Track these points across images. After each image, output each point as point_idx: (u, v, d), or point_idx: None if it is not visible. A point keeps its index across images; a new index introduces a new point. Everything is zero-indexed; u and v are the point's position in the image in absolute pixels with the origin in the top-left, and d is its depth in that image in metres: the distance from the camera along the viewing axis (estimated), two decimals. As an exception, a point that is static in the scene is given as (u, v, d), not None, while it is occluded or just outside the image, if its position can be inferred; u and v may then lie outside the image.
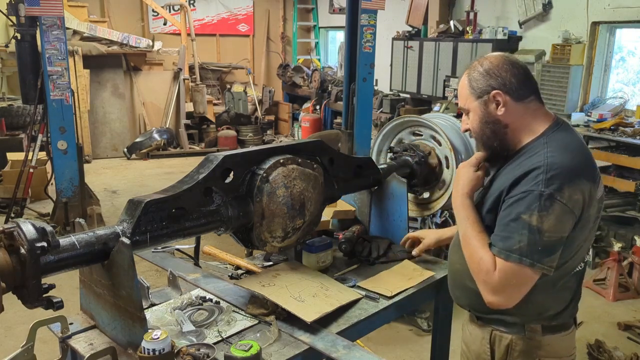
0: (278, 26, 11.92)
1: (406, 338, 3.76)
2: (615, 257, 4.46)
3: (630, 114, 5.76)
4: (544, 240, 1.46)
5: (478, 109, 1.64)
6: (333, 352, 1.61)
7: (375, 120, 7.52)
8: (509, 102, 1.60)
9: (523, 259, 1.46)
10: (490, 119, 1.62)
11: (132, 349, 1.54)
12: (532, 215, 1.45)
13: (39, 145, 5.62)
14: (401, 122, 2.71)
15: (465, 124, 1.72)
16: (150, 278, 3.97)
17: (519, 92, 1.60)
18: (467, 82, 1.66)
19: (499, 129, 1.63)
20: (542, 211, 1.45)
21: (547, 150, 1.54)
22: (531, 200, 1.46)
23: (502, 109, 1.60)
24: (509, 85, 1.59)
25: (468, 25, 7.25)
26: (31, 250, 1.34)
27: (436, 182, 2.62)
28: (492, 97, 1.60)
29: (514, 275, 1.49)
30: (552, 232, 1.46)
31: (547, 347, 1.66)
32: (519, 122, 1.62)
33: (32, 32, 5.04)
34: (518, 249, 1.47)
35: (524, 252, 1.46)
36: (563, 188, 1.46)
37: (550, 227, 1.45)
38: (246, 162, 1.88)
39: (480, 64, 1.65)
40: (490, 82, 1.61)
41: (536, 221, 1.45)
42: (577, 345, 1.78)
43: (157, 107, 9.61)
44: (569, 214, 1.47)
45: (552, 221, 1.45)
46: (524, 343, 1.66)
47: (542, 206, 1.45)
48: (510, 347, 1.67)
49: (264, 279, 1.98)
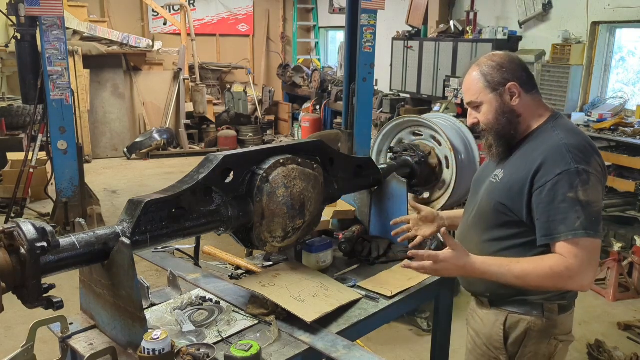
0: (278, 26, 11.92)
1: (406, 338, 3.76)
2: (615, 257, 4.45)
3: (630, 114, 5.76)
4: (594, 210, 1.56)
5: (494, 100, 1.73)
6: (333, 352, 1.61)
7: (375, 120, 7.52)
8: (522, 93, 1.72)
9: (589, 232, 1.54)
10: (506, 110, 1.73)
11: (132, 349, 1.54)
12: (578, 192, 1.55)
13: (39, 145, 5.61)
14: (401, 122, 2.71)
15: (472, 117, 1.80)
16: (150, 278, 3.97)
17: (528, 85, 1.73)
18: (479, 76, 1.75)
19: (513, 119, 1.73)
20: (584, 185, 1.56)
21: (558, 133, 1.67)
22: (570, 178, 1.56)
23: (517, 100, 1.72)
24: (521, 78, 1.72)
25: (468, 25, 7.25)
26: (31, 250, 1.34)
27: (436, 182, 2.62)
28: (508, 89, 1.71)
29: (588, 250, 1.56)
30: (597, 201, 1.57)
31: (561, 326, 1.75)
32: (530, 111, 1.74)
33: (32, 32, 5.04)
34: (581, 225, 1.54)
35: (587, 226, 1.54)
36: (590, 161, 1.60)
37: (594, 198, 1.57)
38: (246, 162, 1.88)
39: (490, 59, 1.75)
40: (505, 75, 1.71)
41: (583, 195, 1.55)
42: (577, 346, 1.81)
43: (157, 107, 9.61)
44: (601, 184, 1.61)
45: (594, 192, 1.57)
46: (542, 323, 1.73)
47: (582, 181, 1.56)
48: (528, 329, 1.74)
49: (264, 279, 1.98)
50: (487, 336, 1.82)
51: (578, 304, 1.85)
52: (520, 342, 1.76)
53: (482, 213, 1.80)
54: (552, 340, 1.75)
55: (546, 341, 1.75)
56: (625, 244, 4.69)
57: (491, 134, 1.77)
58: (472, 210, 1.87)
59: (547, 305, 1.72)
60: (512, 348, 1.77)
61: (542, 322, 1.73)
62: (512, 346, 1.77)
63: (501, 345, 1.79)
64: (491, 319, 1.81)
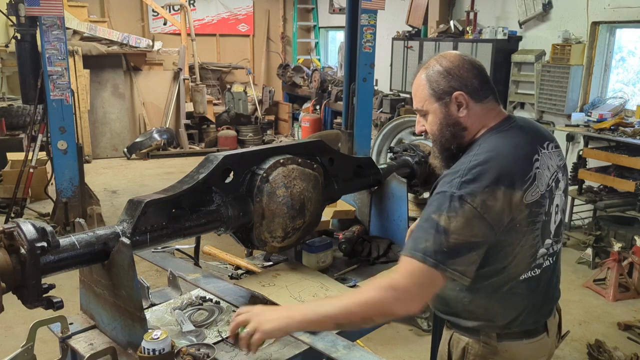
0: (278, 26, 11.92)
1: (406, 338, 3.76)
2: (615, 257, 4.45)
3: (630, 114, 5.76)
4: (450, 241, 1.40)
5: (438, 111, 1.57)
6: (333, 352, 1.61)
7: (375, 120, 7.52)
8: (471, 103, 1.55)
9: (427, 258, 1.40)
10: (450, 121, 1.56)
11: (132, 349, 1.54)
12: (441, 216, 1.41)
13: (39, 145, 5.62)
14: (401, 122, 2.72)
15: (420, 125, 1.65)
16: (150, 278, 3.97)
17: (479, 94, 1.55)
18: (425, 82, 1.58)
19: (458, 132, 1.57)
20: (450, 212, 1.41)
21: (477, 150, 1.50)
22: (442, 200, 1.43)
23: (464, 111, 1.55)
24: (470, 86, 1.54)
25: (468, 25, 7.25)
26: (31, 250, 1.34)
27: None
28: (455, 99, 1.54)
29: (415, 273, 1.42)
30: (458, 234, 1.40)
31: (504, 353, 1.60)
32: (477, 124, 1.57)
33: (32, 32, 5.04)
34: (423, 249, 1.41)
35: (429, 252, 1.40)
36: (476, 192, 1.41)
37: (456, 229, 1.40)
38: (246, 162, 1.88)
39: (438, 62, 1.57)
40: (451, 83, 1.54)
41: (444, 221, 1.41)
42: (577, 346, 1.77)
43: (157, 107, 9.60)
44: (479, 219, 1.41)
45: (459, 223, 1.40)
46: (479, 347, 1.62)
47: (450, 207, 1.41)
48: (466, 351, 1.64)
49: (264, 279, 1.98)
50: (440, 353, 1.75)
51: (578, 304, 1.83)
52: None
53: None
54: None
55: None
56: (625, 244, 4.69)
57: (436, 146, 1.64)
58: None
59: (483, 330, 1.60)
60: None
61: (479, 346, 1.61)
62: None
63: None
64: (445, 335, 1.74)
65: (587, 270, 4.94)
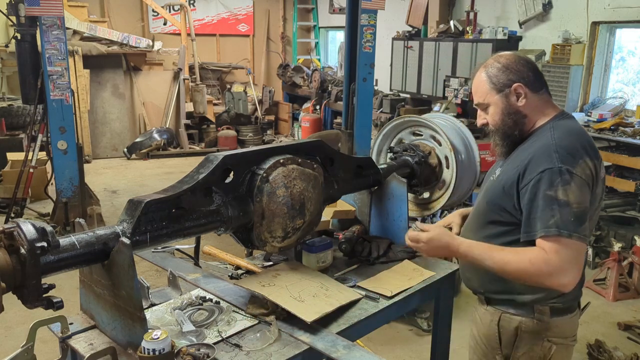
0: (278, 26, 11.92)
1: (406, 338, 3.76)
2: (615, 257, 4.45)
3: (630, 114, 5.76)
4: (573, 211, 1.54)
5: (500, 102, 1.74)
6: (333, 352, 1.61)
7: (375, 120, 7.52)
8: (528, 93, 1.72)
9: (561, 231, 1.53)
10: (512, 110, 1.74)
11: (132, 349, 1.54)
12: (557, 190, 1.55)
13: (39, 145, 5.61)
14: (401, 122, 2.71)
15: (482, 118, 1.82)
16: (150, 278, 3.97)
17: (535, 85, 1.73)
18: (485, 78, 1.76)
19: (519, 119, 1.74)
20: (564, 185, 1.55)
21: (554, 133, 1.66)
22: (551, 176, 1.56)
23: (523, 100, 1.72)
24: (527, 78, 1.72)
25: (468, 25, 7.25)
26: (31, 250, 1.34)
27: (436, 182, 2.62)
28: (514, 90, 1.72)
29: (571, 249, 1.54)
30: (578, 202, 1.55)
31: (555, 328, 1.72)
32: (536, 111, 1.74)
33: (32, 32, 5.04)
34: (554, 223, 1.54)
35: (560, 225, 1.53)
36: (576, 163, 1.57)
37: (575, 198, 1.54)
38: (246, 162, 1.88)
39: (496, 60, 1.76)
40: (510, 77, 1.72)
41: (562, 195, 1.54)
42: (577, 346, 1.80)
43: (157, 107, 9.60)
44: (586, 186, 1.58)
45: (575, 192, 1.55)
46: (533, 325, 1.72)
47: (563, 180, 1.55)
48: (519, 329, 1.73)
49: (264, 279, 1.98)
50: (485, 336, 1.83)
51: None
52: (512, 342, 1.75)
53: (478, 210, 1.83)
54: (545, 343, 1.73)
55: (539, 343, 1.73)
56: (625, 244, 4.69)
57: (498, 134, 1.79)
58: (474, 208, 1.90)
59: (537, 306, 1.71)
60: (505, 349, 1.78)
61: (533, 323, 1.72)
62: (505, 347, 1.77)
63: (497, 345, 1.79)
64: (487, 318, 1.82)
65: (587, 270, 4.92)
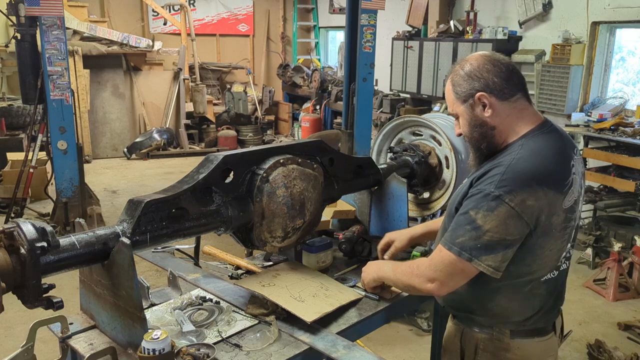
0: (278, 26, 11.92)
1: (406, 338, 3.76)
2: (615, 257, 4.46)
3: (630, 114, 5.76)
4: (484, 238, 1.47)
5: (465, 113, 1.62)
6: (333, 352, 1.61)
7: (375, 120, 7.52)
8: (495, 102, 1.57)
9: (462, 252, 1.50)
10: (477, 122, 1.60)
11: (132, 349, 1.54)
12: (478, 213, 1.48)
13: (39, 145, 5.62)
14: (401, 122, 2.71)
15: (457, 127, 1.71)
16: (150, 278, 3.97)
17: (503, 91, 1.56)
18: (451, 87, 1.64)
19: (486, 131, 1.60)
20: (487, 211, 1.47)
21: (518, 152, 1.52)
22: (480, 198, 1.49)
23: (488, 111, 1.57)
24: (492, 85, 1.56)
25: (468, 25, 7.25)
26: (31, 250, 1.34)
27: (436, 182, 2.62)
28: (478, 100, 1.57)
29: (450, 264, 1.54)
30: (493, 232, 1.47)
31: (517, 350, 1.64)
32: (506, 123, 1.59)
33: (32, 32, 5.04)
34: (460, 243, 1.51)
35: (465, 247, 1.50)
36: (515, 192, 1.45)
37: (492, 227, 1.47)
38: (246, 162, 1.88)
39: (461, 67, 1.61)
40: (473, 85, 1.57)
41: (480, 219, 1.48)
42: (577, 346, 1.78)
43: (157, 107, 9.61)
44: (516, 218, 1.46)
45: (494, 222, 1.46)
46: (491, 344, 1.65)
47: (488, 206, 1.47)
48: (477, 347, 1.67)
49: (264, 279, 1.98)
50: (449, 351, 1.78)
51: (578, 304, 1.85)
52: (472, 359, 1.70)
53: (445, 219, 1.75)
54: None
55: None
56: (625, 244, 4.69)
57: (470, 145, 1.69)
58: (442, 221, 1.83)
59: (496, 327, 1.64)
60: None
61: (491, 343, 1.65)
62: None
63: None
64: (452, 331, 1.77)
65: (587, 270, 4.94)
